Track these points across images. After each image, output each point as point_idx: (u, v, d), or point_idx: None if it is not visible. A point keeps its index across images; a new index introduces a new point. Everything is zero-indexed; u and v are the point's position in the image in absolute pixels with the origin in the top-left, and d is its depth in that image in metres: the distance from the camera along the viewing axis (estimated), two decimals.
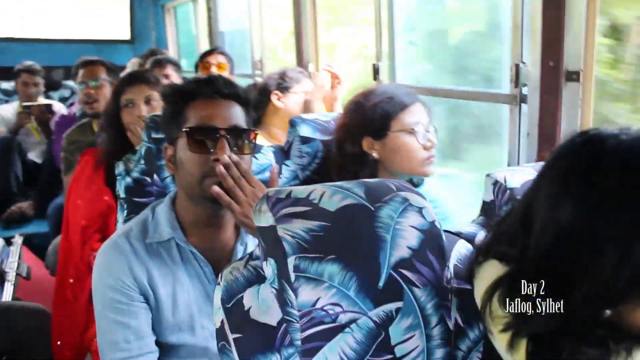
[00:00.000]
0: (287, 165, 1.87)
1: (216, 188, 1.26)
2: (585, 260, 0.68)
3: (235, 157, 1.28)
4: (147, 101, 2.15)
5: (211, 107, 1.32)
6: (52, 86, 5.02)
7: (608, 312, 0.69)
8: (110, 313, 1.30)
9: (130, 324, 1.29)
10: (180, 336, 1.33)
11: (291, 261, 0.85)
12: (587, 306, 0.69)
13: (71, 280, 2.10)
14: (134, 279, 1.30)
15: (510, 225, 0.83)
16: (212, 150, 1.28)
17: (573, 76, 1.66)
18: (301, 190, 0.92)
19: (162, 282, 1.32)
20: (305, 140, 1.84)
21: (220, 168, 1.26)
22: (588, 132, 0.76)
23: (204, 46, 5.07)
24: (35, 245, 3.26)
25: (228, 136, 1.30)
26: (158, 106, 2.12)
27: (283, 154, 1.90)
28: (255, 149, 1.38)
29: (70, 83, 4.90)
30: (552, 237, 0.72)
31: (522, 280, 0.74)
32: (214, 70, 3.57)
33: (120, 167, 1.73)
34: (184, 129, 1.30)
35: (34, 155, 4.20)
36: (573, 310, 0.69)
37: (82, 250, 2.07)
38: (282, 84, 2.65)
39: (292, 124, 1.88)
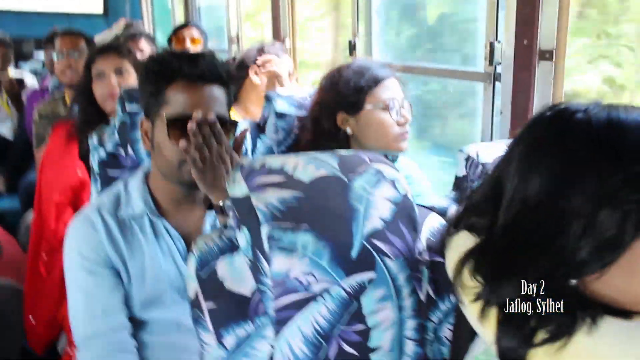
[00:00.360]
0: (262, 141, 1.86)
1: (183, 143, 1.24)
2: (550, 232, 0.70)
3: (213, 116, 1.26)
4: (118, 72, 2.11)
5: (194, 94, 1.28)
6: (22, 57, 4.92)
7: (574, 281, 0.71)
8: (81, 288, 1.30)
9: (102, 299, 1.29)
10: (153, 311, 1.33)
11: (265, 230, 0.86)
12: (553, 276, 0.71)
13: (44, 255, 2.08)
14: (105, 253, 1.30)
15: (481, 197, 0.84)
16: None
17: (546, 55, 1.68)
18: (275, 161, 0.93)
19: (134, 257, 1.31)
20: (280, 116, 1.84)
21: (193, 125, 1.24)
22: (557, 106, 0.78)
23: (180, 20, 5.00)
24: (7, 221, 3.21)
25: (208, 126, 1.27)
26: (130, 77, 2.09)
27: (258, 129, 1.89)
28: (234, 129, 1.36)
29: (41, 55, 4.80)
30: (519, 209, 0.73)
31: (491, 252, 0.76)
32: (188, 44, 3.53)
33: (94, 139, 1.71)
34: (164, 115, 1.28)
35: (5, 131, 4.12)
36: (540, 280, 0.71)
37: (55, 225, 2.05)
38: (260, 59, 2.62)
39: (268, 98, 1.87)
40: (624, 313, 0.70)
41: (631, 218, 0.67)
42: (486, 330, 0.75)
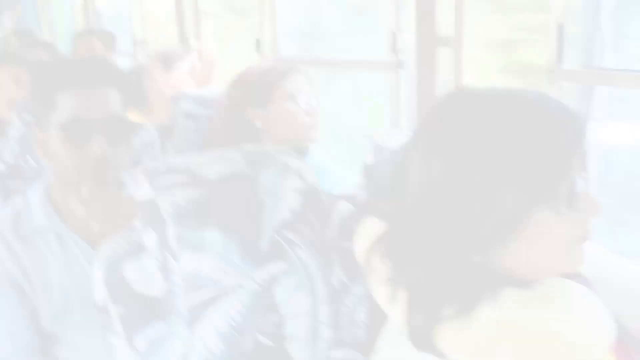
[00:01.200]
0: (171, 143, 1.84)
1: None
2: (453, 213, 0.73)
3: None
4: (14, 81, 2.03)
5: (84, 96, 1.22)
6: None
7: (477, 257, 0.75)
8: None
9: (5, 319, 1.21)
10: (63, 324, 1.27)
11: (172, 230, 0.85)
12: (457, 254, 0.74)
13: None
14: (5, 271, 1.23)
15: (388, 183, 0.86)
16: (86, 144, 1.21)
17: (445, 41, 1.73)
18: (179, 161, 0.92)
19: (39, 271, 1.25)
20: (189, 116, 1.82)
21: None
22: (457, 90, 0.81)
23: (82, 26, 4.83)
24: None
25: (103, 129, 1.22)
26: (27, 86, 2.01)
27: (167, 131, 1.87)
28: (134, 132, 1.32)
29: None
30: (424, 192, 0.76)
31: (399, 236, 0.78)
32: (90, 50, 3.42)
33: None
34: (55, 121, 1.23)
35: None
36: (445, 259, 0.74)
37: None
38: (165, 61, 2.58)
39: (175, 100, 1.85)
40: (524, 283, 0.74)
41: (525, 195, 0.70)
42: (396, 311, 0.77)
